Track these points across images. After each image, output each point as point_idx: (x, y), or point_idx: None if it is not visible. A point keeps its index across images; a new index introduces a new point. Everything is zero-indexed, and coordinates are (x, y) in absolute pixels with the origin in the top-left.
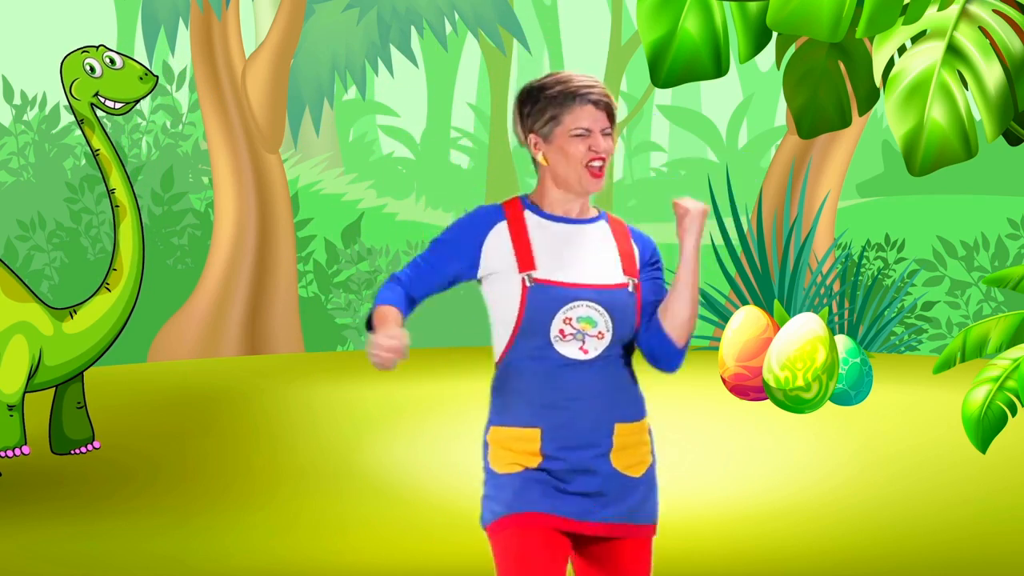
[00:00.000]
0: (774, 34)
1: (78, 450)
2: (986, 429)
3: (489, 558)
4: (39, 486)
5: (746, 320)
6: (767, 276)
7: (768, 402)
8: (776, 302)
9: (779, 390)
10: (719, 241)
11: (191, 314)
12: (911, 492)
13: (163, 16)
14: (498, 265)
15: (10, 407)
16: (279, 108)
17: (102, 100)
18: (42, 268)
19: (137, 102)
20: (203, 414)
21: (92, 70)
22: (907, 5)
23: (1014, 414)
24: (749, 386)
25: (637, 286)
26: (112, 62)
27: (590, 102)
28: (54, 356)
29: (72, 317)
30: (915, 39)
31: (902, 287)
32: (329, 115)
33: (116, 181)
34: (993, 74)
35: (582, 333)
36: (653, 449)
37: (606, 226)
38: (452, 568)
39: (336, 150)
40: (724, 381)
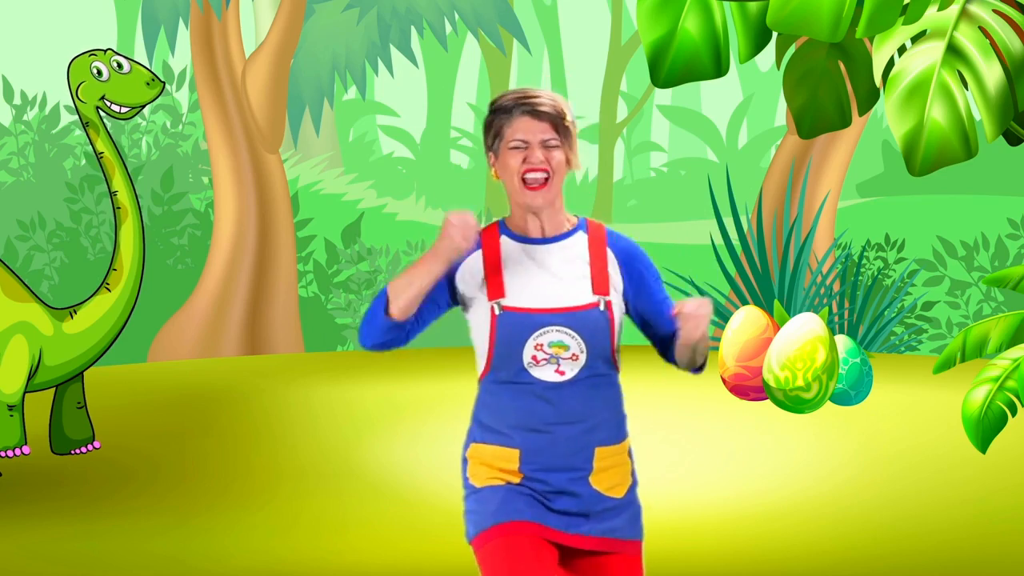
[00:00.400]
0: (774, 34)
1: (78, 450)
2: (986, 429)
3: None
4: (39, 486)
5: (746, 320)
6: (767, 276)
7: (768, 402)
8: (776, 302)
9: (779, 390)
10: (719, 241)
11: (191, 314)
12: (911, 492)
13: (163, 16)
14: (472, 293)
15: (10, 407)
16: (279, 108)
17: (108, 104)
18: (42, 268)
19: (143, 107)
20: (203, 414)
21: (99, 73)
22: (907, 5)
23: (1014, 414)
24: (749, 386)
25: (609, 303)
26: (119, 66)
27: (526, 114)
28: (54, 356)
29: (72, 317)
30: (915, 39)
31: (902, 287)
32: (329, 115)
33: (119, 184)
34: (993, 74)
35: (556, 357)
36: (634, 470)
37: (582, 239)
38: (452, 568)
39: (336, 150)
40: (724, 381)
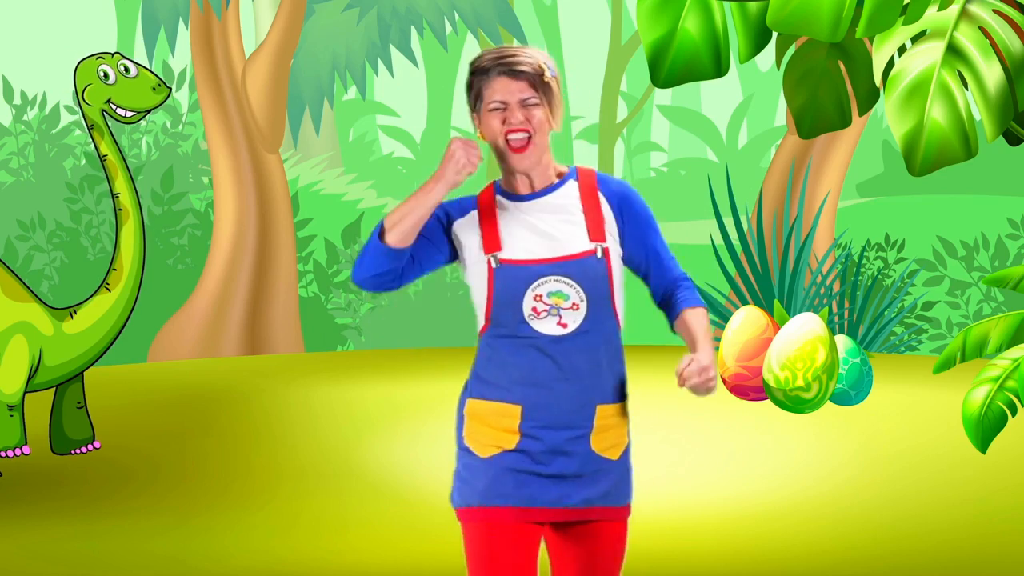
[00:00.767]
0: (774, 34)
1: (78, 450)
2: (986, 429)
3: None
4: (39, 486)
5: (746, 320)
6: (767, 276)
7: (768, 402)
8: (776, 302)
9: (779, 390)
10: (719, 241)
11: (191, 314)
12: (911, 492)
13: (163, 16)
14: (469, 251)
15: (10, 407)
16: (279, 108)
17: (113, 107)
18: (42, 268)
19: (148, 112)
20: (203, 414)
21: (106, 76)
22: (907, 5)
23: (1014, 414)
24: (749, 386)
25: (606, 250)
26: (126, 70)
27: (503, 74)
28: (54, 356)
29: (72, 317)
30: (915, 39)
31: (902, 287)
32: (329, 115)
33: (121, 186)
34: (993, 74)
35: (556, 308)
36: (629, 430)
37: (573, 188)
38: (452, 568)
39: (336, 150)
40: (724, 381)
